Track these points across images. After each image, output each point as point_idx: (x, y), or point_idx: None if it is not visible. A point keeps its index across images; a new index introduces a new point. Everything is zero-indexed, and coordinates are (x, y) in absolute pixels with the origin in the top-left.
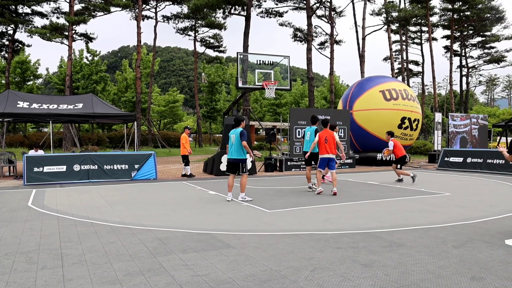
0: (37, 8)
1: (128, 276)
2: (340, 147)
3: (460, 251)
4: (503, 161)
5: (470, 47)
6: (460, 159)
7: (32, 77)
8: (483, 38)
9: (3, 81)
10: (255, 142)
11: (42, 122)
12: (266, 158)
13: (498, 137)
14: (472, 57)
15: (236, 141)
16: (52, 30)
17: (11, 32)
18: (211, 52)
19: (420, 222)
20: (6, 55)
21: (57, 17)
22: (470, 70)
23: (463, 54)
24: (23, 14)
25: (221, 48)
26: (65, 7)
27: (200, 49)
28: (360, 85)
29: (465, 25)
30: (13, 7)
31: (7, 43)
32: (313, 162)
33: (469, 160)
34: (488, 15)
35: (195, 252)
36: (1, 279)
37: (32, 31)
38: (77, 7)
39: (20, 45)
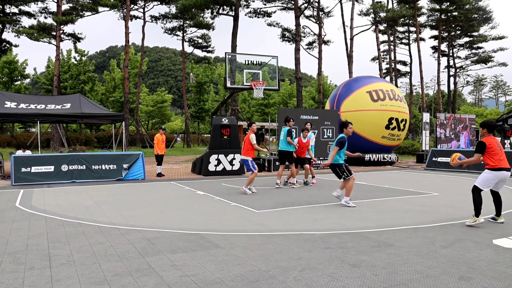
0: (25, 8)
1: (117, 276)
2: (309, 153)
3: (448, 251)
4: None
5: (458, 48)
6: (448, 159)
7: (19, 77)
8: (471, 39)
9: None
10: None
11: (30, 122)
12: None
13: None
14: (459, 57)
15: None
16: (40, 30)
17: None
18: (199, 52)
19: (408, 222)
20: None
21: (45, 17)
22: (457, 70)
23: (451, 54)
24: (11, 14)
25: (209, 48)
26: (53, 7)
27: (188, 49)
28: (347, 86)
29: (453, 25)
30: (1, 7)
31: None
32: (286, 161)
33: None
34: (476, 15)
35: (183, 253)
36: None
37: (19, 31)
38: (65, 7)
39: (7, 45)
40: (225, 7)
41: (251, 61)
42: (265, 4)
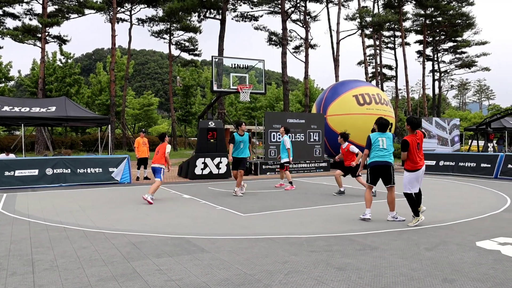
0: (9, 9)
1: (101, 281)
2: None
3: (432, 254)
4: (474, 164)
5: (442, 52)
6: (433, 162)
7: (3, 80)
8: (455, 43)
9: None
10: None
11: (14, 125)
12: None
13: (470, 140)
14: (444, 61)
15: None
16: (25, 32)
17: None
18: (186, 56)
19: (393, 225)
20: None
21: (30, 19)
22: (442, 74)
23: (436, 59)
24: None
25: (196, 52)
26: (38, 9)
27: (175, 52)
28: (333, 90)
29: (437, 30)
30: None
31: None
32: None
33: (441, 163)
34: (459, 21)
35: (169, 257)
36: None
37: (3, 32)
38: (51, 9)
39: None
40: (212, 10)
41: (238, 64)
42: (252, 8)
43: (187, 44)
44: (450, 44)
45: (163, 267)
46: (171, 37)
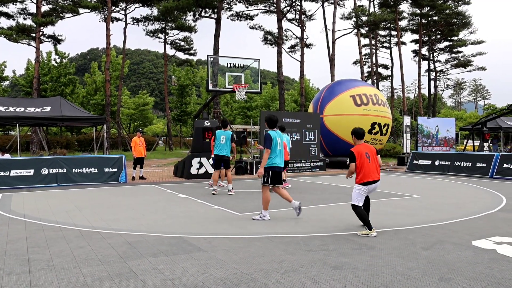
0: (3, 9)
1: (98, 281)
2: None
3: (428, 253)
4: (470, 163)
5: (438, 51)
6: (429, 162)
7: None
8: (451, 43)
9: None
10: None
11: (9, 125)
12: (236, 161)
13: (465, 140)
14: (440, 61)
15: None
16: (19, 31)
17: None
18: (181, 55)
19: (389, 224)
20: None
21: (24, 18)
22: (438, 74)
23: (431, 58)
24: None
25: (191, 51)
26: (32, 8)
27: (170, 51)
28: (331, 89)
29: (433, 29)
30: None
31: None
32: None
33: (437, 162)
34: (455, 20)
35: (165, 256)
36: None
37: None
38: (45, 8)
39: None
40: (207, 9)
41: (233, 64)
42: (247, 7)
43: (182, 43)
44: (446, 43)
45: (159, 266)
46: (166, 37)
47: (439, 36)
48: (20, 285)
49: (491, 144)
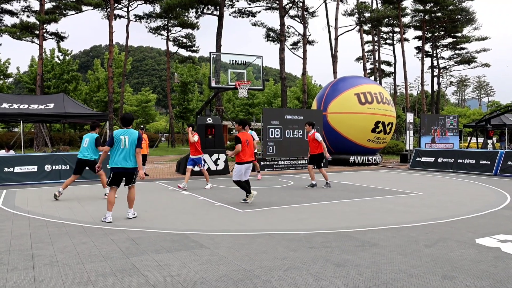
0: (7, 6)
1: (101, 276)
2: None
3: (431, 250)
4: (474, 161)
5: (442, 48)
6: (432, 159)
7: (2, 77)
8: (454, 39)
9: None
10: (228, 142)
11: (13, 122)
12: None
13: (469, 137)
14: (443, 58)
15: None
16: (23, 29)
17: None
18: (183, 52)
19: (392, 221)
20: None
21: (28, 16)
22: (441, 70)
23: (435, 55)
24: None
25: (194, 48)
26: (36, 6)
27: (173, 48)
28: (335, 86)
29: (437, 26)
30: None
31: None
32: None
33: (440, 160)
34: (459, 16)
35: (168, 252)
36: None
37: (1, 29)
38: (48, 5)
39: None
40: (209, 6)
41: (235, 60)
42: (249, 4)
43: (184, 40)
44: (450, 40)
45: (162, 262)
46: (169, 34)
47: (442, 33)
48: (24, 280)
49: (498, 142)
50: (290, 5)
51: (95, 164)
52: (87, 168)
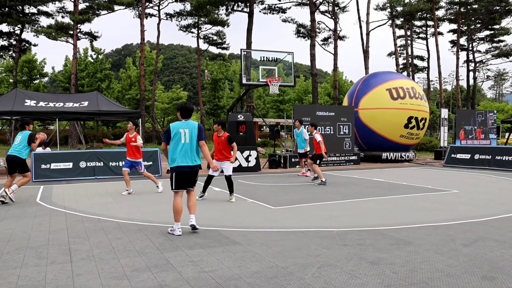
0: (43, 8)
1: (136, 271)
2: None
3: (469, 250)
4: None
5: (478, 41)
6: (468, 156)
7: (38, 76)
8: (492, 32)
9: (10, 80)
10: (259, 139)
11: (49, 120)
12: (270, 155)
13: (507, 133)
14: (479, 51)
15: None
16: (58, 29)
17: (18, 32)
18: (214, 49)
19: (427, 219)
20: (14, 55)
21: (62, 17)
22: (477, 64)
23: (470, 48)
24: (30, 14)
25: (224, 45)
26: (70, 7)
27: (203, 46)
28: (366, 82)
29: (473, 18)
30: (20, 7)
31: (14, 42)
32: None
33: (476, 156)
34: (497, 7)
35: (201, 249)
36: (13, 272)
37: (38, 30)
38: (82, 6)
39: (26, 45)
40: (240, 3)
41: (266, 57)
42: (279, 0)
43: (215, 37)
44: (487, 32)
45: (195, 258)
46: (199, 31)
47: (479, 25)
48: (62, 274)
49: None
50: (321, 0)
51: (22, 165)
52: (16, 169)
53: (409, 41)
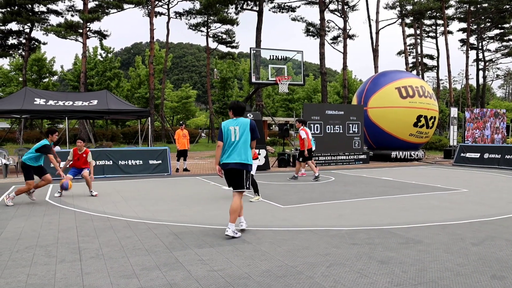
0: (53, 7)
1: (145, 270)
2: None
3: (479, 249)
4: None
5: (488, 40)
6: (477, 155)
7: (47, 74)
8: (501, 31)
9: (20, 79)
10: (268, 138)
11: (58, 118)
12: (279, 154)
13: None
14: (489, 50)
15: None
16: (67, 28)
17: (27, 30)
18: (223, 48)
19: (436, 218)
20: (23, 53)
21: (72, 15)
22: (487, 63)
23: (480, 47)
24: (39, 13)
25: (233, 44)
26: (79, 5)
27: (213, 45)
28: (375, 81)
29: (482, 17)
30: (30, 6)
31: (24, 41)
32: None
33: (486, 156)
34: (507, 6)
35: (210, 247)
36: (23, 271)
37: (47, 29)
38: (91, 4)
39: (36, 43)
40: (249, 2)
41: (275, 56)
42: None
43: (224, 36)
44: (497, 31)
45: (205, 257)
46: (208, 30)
47: (488, 24)
48: (72, 272)
49: None
50: None
51: (25, 169)
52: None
53: (418, 40)
